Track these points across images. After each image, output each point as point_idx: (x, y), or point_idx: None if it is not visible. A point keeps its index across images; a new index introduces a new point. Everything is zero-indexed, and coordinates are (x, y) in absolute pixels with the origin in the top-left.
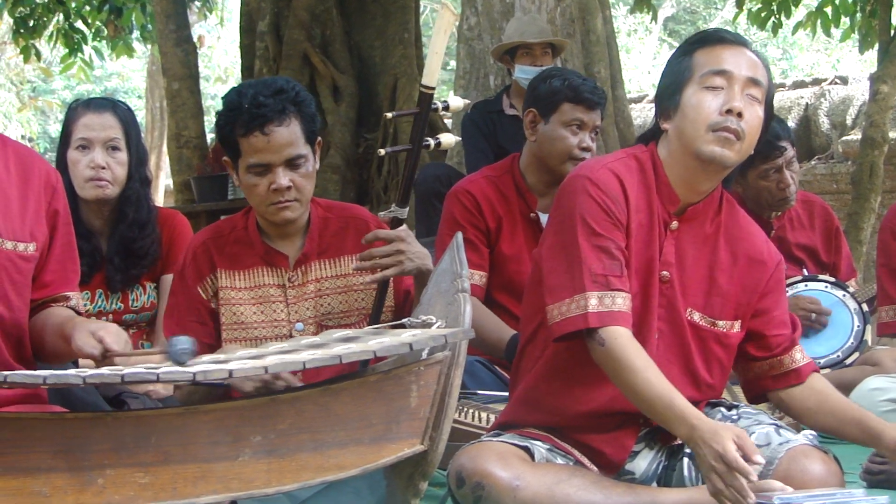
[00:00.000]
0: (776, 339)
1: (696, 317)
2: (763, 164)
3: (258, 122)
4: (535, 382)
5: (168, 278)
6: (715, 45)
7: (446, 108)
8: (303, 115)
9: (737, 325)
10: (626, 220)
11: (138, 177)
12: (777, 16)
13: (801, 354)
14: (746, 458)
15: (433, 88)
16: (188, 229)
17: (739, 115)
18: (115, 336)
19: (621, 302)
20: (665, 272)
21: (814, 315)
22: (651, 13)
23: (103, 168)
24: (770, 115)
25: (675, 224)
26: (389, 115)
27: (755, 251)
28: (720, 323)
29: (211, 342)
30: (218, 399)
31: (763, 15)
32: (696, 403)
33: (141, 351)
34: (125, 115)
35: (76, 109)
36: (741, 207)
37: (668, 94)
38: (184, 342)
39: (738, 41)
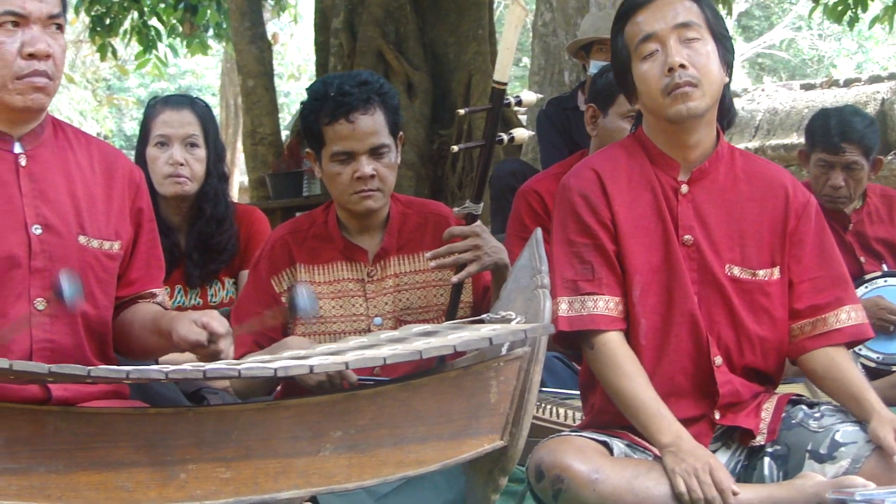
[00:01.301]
0: (801, 287)
1: (737, 271)
2: (819, 153)
3: (343, 110)
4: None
5: (246, 274)
6: (635, 13)
7: (519, 104)
8: (387, 106)
9: (776, 272)
10: (607, 211)
11: (216, 173)
12: (853, 10)
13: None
14: (720, 489)
15: (505, 84)
16: (266, 225)
17: (682, 66)
18: (218, 321)
19: (601, 304)
20: (687, 236)
21: (893, 327)
22: (726, 8)
23: (182, 164)
24: (726, 35)
25: (684, 188)
26: (462, 111)
27: (780, 193)
28: (760, 272)
29: (276, 336)
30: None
31: (839, 9)
32: (755, 370)
33: (249, 324)
34: (203, 112)
35: (155, 107)
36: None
37: (622, 78)
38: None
39: None
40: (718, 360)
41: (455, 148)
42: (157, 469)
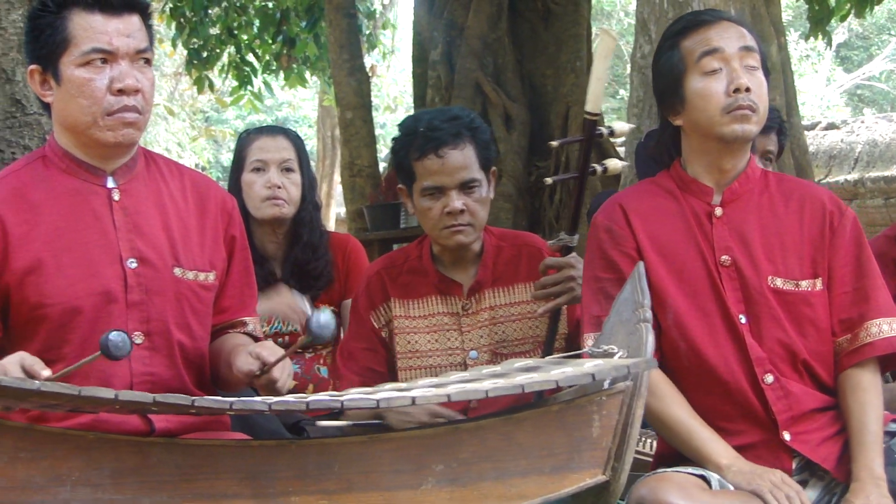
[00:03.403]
0: (837, 300)
1: (779, 282)
2: None
3: (433, 145)
4: None
5: (349, 304)
6: (698, 28)
7: (611, 134)
8: (477, 141)
9: (818, 283)
10: (632, 242)
11: (311, 199)
12: None
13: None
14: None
15: (597, 115)
16: (362, 253)
17: (747, 89)
18: (269, 350)
19: None
20: (725, 256)
21: None
22: (826, 39)
23: (279, 187)
24: (767, 73)
25: (718, 211)
26: (555, 143)
27: (818, 206)
28: (803, 283)
29: (382, 370)
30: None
31: None
32: (810, 381)
33: (289, 352)
34: (297, 140)
35: (248, 136)
36: None
37: (671, 90)
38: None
39: (718, 17)
40: (769, 377)
41: (549, 180)
42: (259, 501)
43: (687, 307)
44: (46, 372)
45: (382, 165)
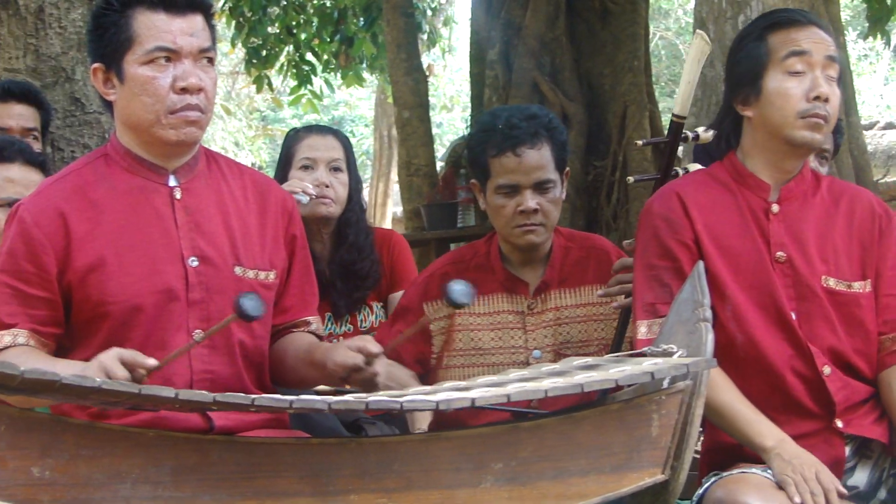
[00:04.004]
0: (886, 300)
1: (832, 283)
2: None
3: (511, 143)
4: None
5: (396, 296)
6: (789, 27)
7: (696, 139)
8: (554, 141)
9: (867, 285)
10: (690, 232)
11: (357, 200)
12: None
13: None
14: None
15: (684, 118)
16: (406, 247)
17: (826, 99)
18: (372, 343)
19: None
20: (780, 253)
21: None
22: (885, 38)
23: (327, 186)
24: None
25: (775, 208)
26: (640, 142)
27: (866, 208)
28: (855, 285)
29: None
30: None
31: None
32: (858, 379)
33: (399, 338)
34: (345, 140)
35: (297, 134)
36: None
37: (748, 80)
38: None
39: (809, 20)
40: (827, 369)
41: (631, 179)
42: (319, 499)
43: (744, 299)
44: (152, 361)
45: (440, 165)
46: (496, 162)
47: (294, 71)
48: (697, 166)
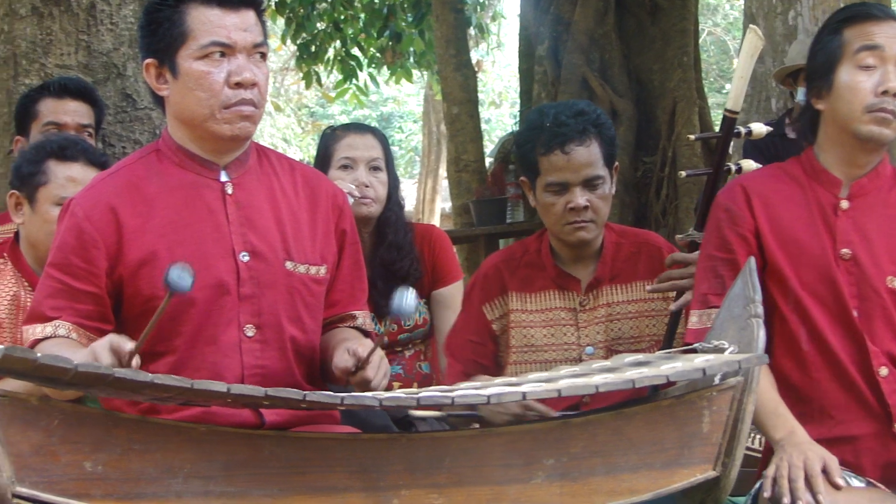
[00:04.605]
0: None
1: None
2: None
3: (559, 141)
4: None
5: (439, 293)
6: (864, 21)
7: (749, 134)
8: (603, 137)
9: None
10: (751, 223)
11: (395, 199)
12: None
13: None
14: (830, 478)
15: (737, 113)
16: (447, 241)
17: (895, 95)
18: (366, 346)
19: None
20: (845, 250)
21: None
22: None
23: (367, 186)
24: None
25: (844, 204)
26: (692, 136)
27: None
28: None
29: (487, 363)
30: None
31: None
32: None
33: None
34: (383, 139)
35: (334, 133)
36: None
37: (821, 74)
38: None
39: (886, 15)
40: (884, 370)
41: (683, 174)
42: (370, 494)
43: (806, 294)
44: (130, 345)
45: (488, 160)
46: (545, 160)
47: (340, 65)
48: (751, 163)
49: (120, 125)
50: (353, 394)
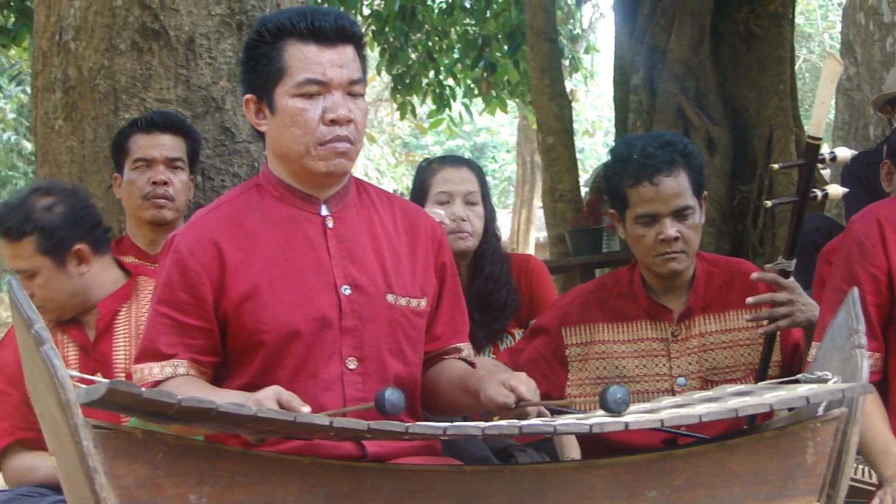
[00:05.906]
0: None
1: None
2: None
3: (647, 173)
4: None
5: None
6: None
7: (833, 159)
8: (691, 167)
9: None
10: (883, 261)
11: (492, 231)
12: None
13: None
14: None
15: (820, 139)
16: (544, 271)
17: None
18: (526, 384)
19: None
20: None
21: None
22: None
23: (464, 220)
24: None
25: None
26: (776, 165)
27: None
28: None
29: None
30: None
31: None
32: None
33: (556, 402)
34: (479, 172)
35: (430, 166)
36: None
37: None
38: (618, 392)
39: None
40: None
41: (768, 203)
42: None
43: None
44: (306, 408)
45: (584, 190)
46: (633, 192)
47: (434, 96)
48: (837, 188)
49: (219, 158)
50: (455, 424)
